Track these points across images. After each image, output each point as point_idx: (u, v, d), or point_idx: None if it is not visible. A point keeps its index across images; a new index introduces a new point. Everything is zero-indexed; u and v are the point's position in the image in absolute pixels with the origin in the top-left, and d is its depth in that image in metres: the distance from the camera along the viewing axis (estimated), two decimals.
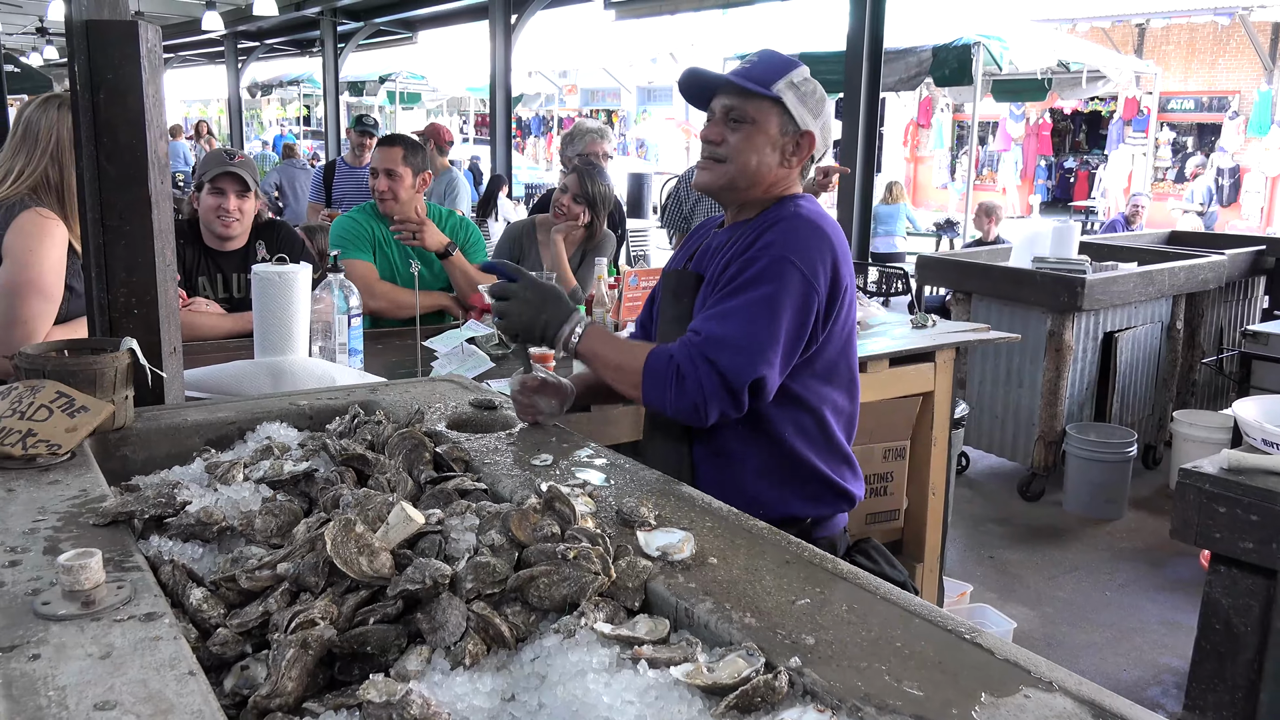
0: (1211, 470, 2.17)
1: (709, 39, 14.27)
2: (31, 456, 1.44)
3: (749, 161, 1.91)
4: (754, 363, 1.76)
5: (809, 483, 1.96)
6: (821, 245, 1.85)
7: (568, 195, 3.66)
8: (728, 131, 1.92)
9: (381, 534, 1.18)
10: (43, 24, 16.54)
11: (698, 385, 1.73)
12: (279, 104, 27.42)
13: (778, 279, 1.79)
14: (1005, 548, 4.58)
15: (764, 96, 1.89)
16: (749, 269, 1.82)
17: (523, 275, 1.84)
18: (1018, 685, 0.97)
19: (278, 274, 2.36)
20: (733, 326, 1.77)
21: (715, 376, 1.73)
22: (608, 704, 0.96)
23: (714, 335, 1.76)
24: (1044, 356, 4.98)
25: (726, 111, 1.92)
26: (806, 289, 1.81)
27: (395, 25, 14.08)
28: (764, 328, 1.77)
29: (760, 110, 1.90)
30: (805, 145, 1.94)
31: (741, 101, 1.91)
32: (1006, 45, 9.35)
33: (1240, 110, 16.60)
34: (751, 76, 1.90)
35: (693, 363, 1.74)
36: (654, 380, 1.77)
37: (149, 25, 1.81)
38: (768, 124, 1.91)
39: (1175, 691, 3.35)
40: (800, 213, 1.89)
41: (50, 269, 2.28)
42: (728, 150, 1.92)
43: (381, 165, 3.47)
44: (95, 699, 0.87)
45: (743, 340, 1.75)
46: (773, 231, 1.85)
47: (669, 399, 1.76)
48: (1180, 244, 6.66)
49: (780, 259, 1.80)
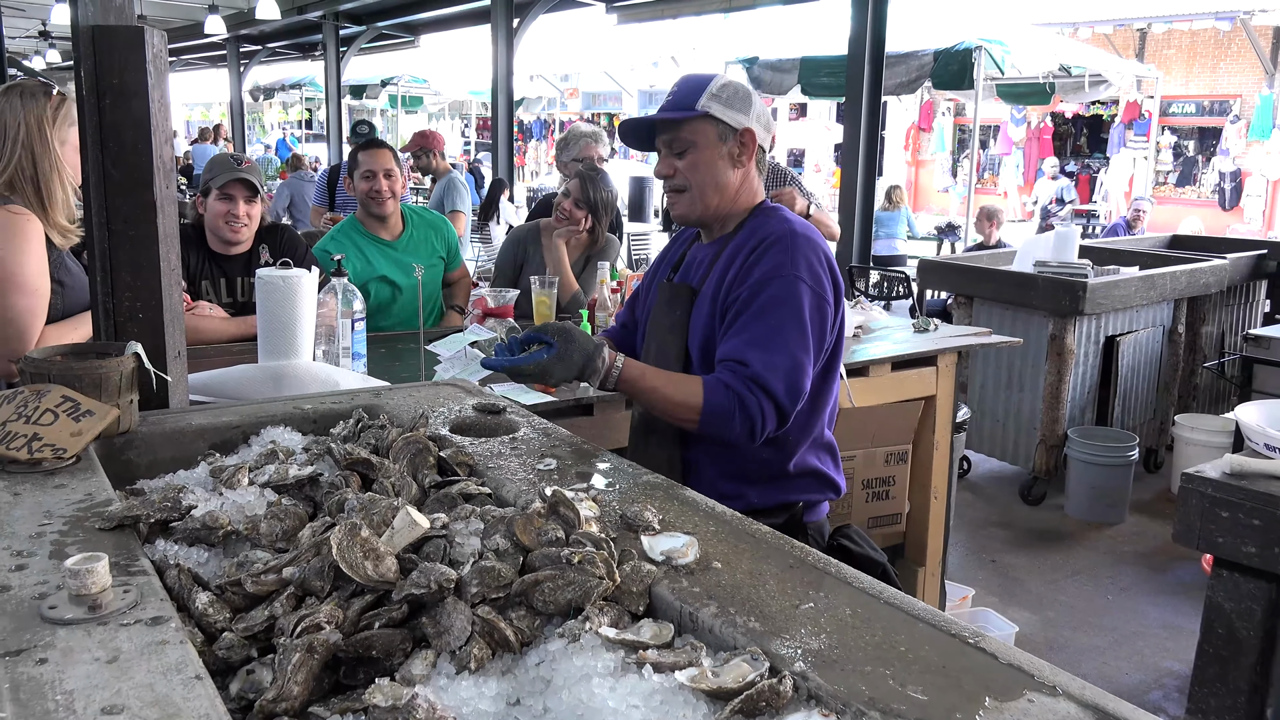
0: (1214, 475, 2.17)
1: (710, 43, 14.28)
2: (37, 460, 1.45)
3: (704, 180, 2.01)
4: (800, 381, 1.90)
5: (800, 474, 2.07)
6: (818, 255, 1.97)
7: (569, 200, 3.68)
8: (676, 161, 2.02)
9: (387, 538, 1.18)
10: (45, 28, 16.58)
11: (759, 411, 1.86)
12: (281, 107, 27.45)
13: (794, 296, 1.91)
14: (1007, 552, 4.58)
15: (692, 117, 1.98)
16: (763, 292, 1.92)
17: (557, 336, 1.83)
18: (1021, 689, 0.97)
19: (281, 278, 2.36)
20: (774, 351, 1.88)
21: (771, 403, 1.86)
22: (612, 708, 0.97)
23: (762, 364, 1.86)
24: (1045, 360, 4.98)
25: (668, 144, 2.03)
26: (818, 300, 1.94)
27: (397, 29, 14.12)
28: (799, 345, 1.90)
29: (694, 130, 1.99)
30: (749, 142, 2.03)
31: (675, 130, 2.01)
32: (1008, 49, 9.36)
33: (1241, 114, 16.61)
34: (676, 105, 2.00)
35: (753, 395, 1.85)
36: (716, 417, 1.87)
37: (154, 30, 1.82)
38: (705, 139, 2.00)
39: (1177, 696, 3.35)
40: (794, 230, 1.98)
41: (30, 265, 2.26)
42: (682, 179, 2.02)
43: (380, 167, 3.57)
44: (102, 703, 0.87)
45: (787, 362, 1.88)
46: (775, 252, 1.94)
47: (729, 428, 1.88)
48: (1182, 248, 6.67)
49: (791, 278, 1.91)
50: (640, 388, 1.89)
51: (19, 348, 2.23)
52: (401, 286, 3.56)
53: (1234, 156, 16.49)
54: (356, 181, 3.62)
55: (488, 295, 3.30)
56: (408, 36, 14.78)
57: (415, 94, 19.85)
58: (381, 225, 3.61)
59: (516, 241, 3.88)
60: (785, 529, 1.95)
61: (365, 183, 3.57)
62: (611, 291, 3.62)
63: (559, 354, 1.79)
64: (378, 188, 3.55)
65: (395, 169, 3.60)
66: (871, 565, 2.03)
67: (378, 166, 3.56)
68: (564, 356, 1.79)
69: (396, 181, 3.60)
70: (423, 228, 3.71)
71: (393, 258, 3.57)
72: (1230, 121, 16.67)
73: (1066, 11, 15.10)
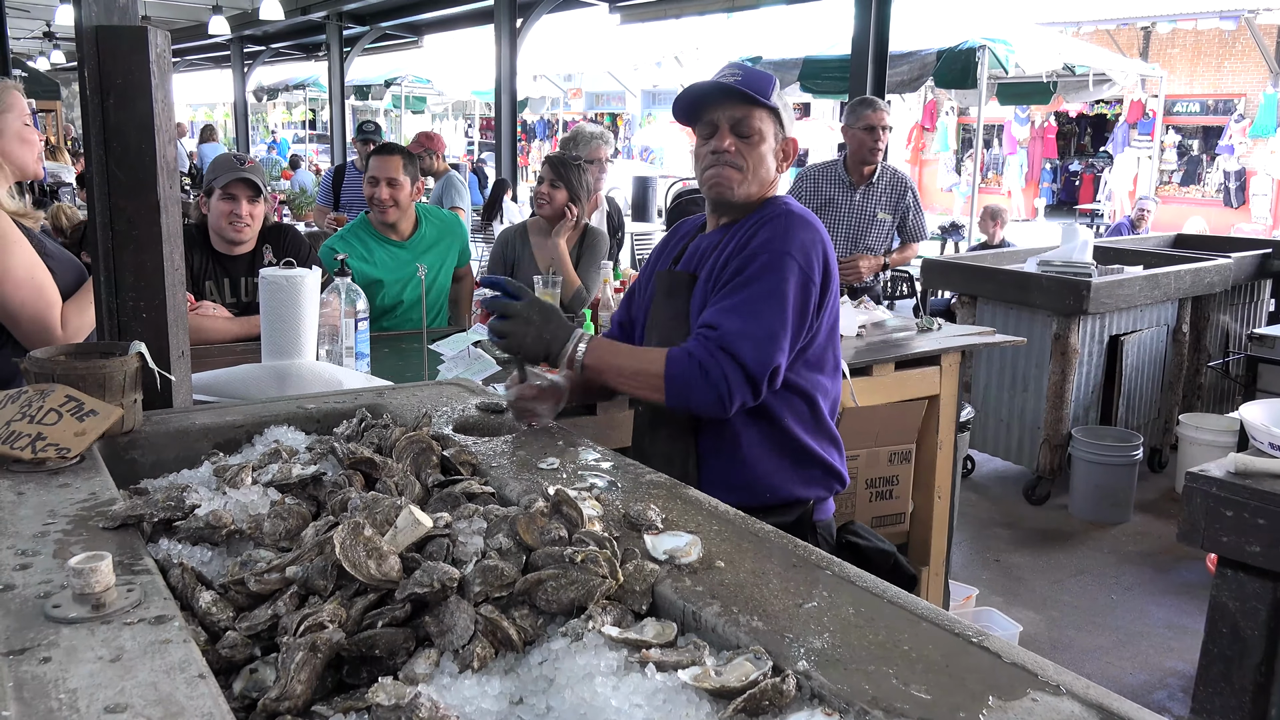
0: (1218, 474, 2.17)
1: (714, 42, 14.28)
2: (41, 460, 1.45)
3: (760, 169, 2.01)
4: (771, 351, 1.86)
5: (807, 465, 2.06)
6: (813, 238, 1.96)
7: (544, 184, 3.70)
8: (739, 142, 1.99)
9: (390, 537, 1.18)
10: (50, 29, 16.61)
11: (722, 378, 1.82)
12: (285, 108, 27.49)
13: (780, 271, 1.89)
14: (1011, 551, 4.57)
15: (766, 106, 1.99)
16: (750, 264, 1.91)
17: (524, 293, 1.88)
18: (1025, 689, 0.97)
19: (285, 278, 2.37)
20: (747, 319, 1.85)
21: (738, 368, 1.82)
22: (615, 707, 0.96)
23: (731, 329, 1.84)
24: (1049, 360, 4.98)
25: (733, 122, 1.99)
26: (805, 279, 1.92)
27: (400, 29, 14.13)
28: (775, 317, 1.87)
29: (763, 121, 2.00)
30: (791, 152, 2.07)
31: (747, 112, 1.98)
32: (1012, 48, 9.35)
33: (1246, 113, 16.58)
34: (752, 88, 1.97)
35: (714, 357, 1.82)
36: (677, 380, 1.84)
37: (158, 30, 1.82)
38: (768, 134, 2.01)
39: (1182, 696, 3.34)
40: (791, 209, 1.99)
41: (16, 258, 2.25)
42: (741, 160, 1.99)
43: (383, 174, 3.53)
44: (106, 702, 0.87)
45: (759, 331, 1.85)
46: (767, 228, 1.95)
47: (694, 396, 1.84)
48: (1186, 247, 6.65)
49: (780, 253, 1.91)
50: (606, 361, 1.88)
51: (48, 337, 2.23)
52: (406, 287, 3.56)
53: (1238, 155, 16.46)
54: (365, 184, 3.63)
55: (484, 305, 3.31)
56: (411, 37, 14.79)
57: (419, 94, 19.88)
58: (390, 228, 3.61)
59: (505, 243, 3.90)
60: (795, 527, 1.96)
61: (369, 188, 3.57)
62: (615, 291, 3.63)
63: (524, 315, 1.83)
64: (379, 195, 3.53)
65: (401, 177, 3.55)
66: (883, 556, 2.03)
67: (381, 173, 3.53)
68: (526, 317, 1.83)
69: (402, 189, 3.55)
70: (436, 226, 3.71)
71: (401, 259, 3.56)
72: (1235, 120, 16.64)
73: (1070, 10, 15.08)
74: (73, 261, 2.44)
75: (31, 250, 2.29)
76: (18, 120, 2.38)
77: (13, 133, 2.36)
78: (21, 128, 2.39)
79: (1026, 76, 11.06)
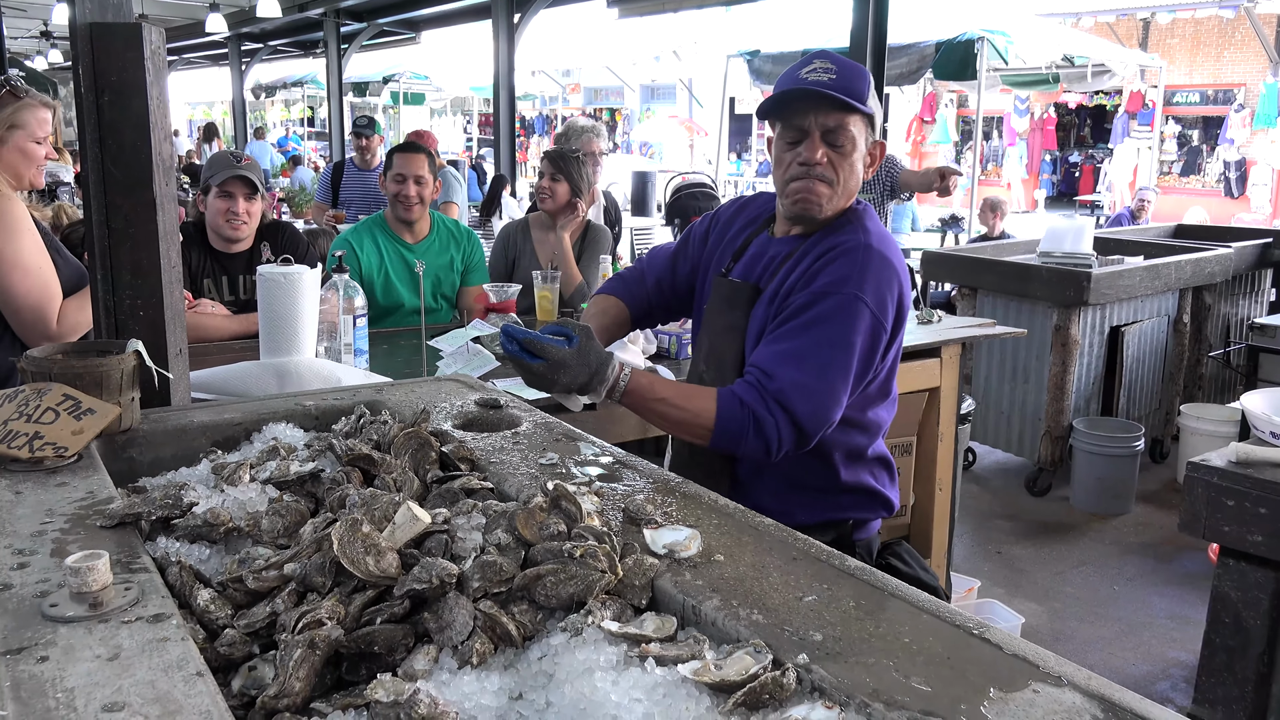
0: (1219, 464, 2.17)
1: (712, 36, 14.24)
2: (38, 459, 1.45)
3: (850, 182, 1.85)
4: (830, 409, 1.75)
5: (852, 492, 1.96)
6: (890, 278, 1.81)
7: (545, 178, 3.69)
8: (829, 150, 1.82)
9: (388, 534, 1.18)
10: (47, 28, 16.59)
11: (775, 432, 1.71)
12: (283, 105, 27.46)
13: (850, 318, 1.75)
14: (1012, 543, 4.57)
15: (861, 112, 1.81)
16: (819, 303, 1.76)
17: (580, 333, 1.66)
18: (1026, 680, 0.97)
19: (282, 275, 2.36)
20: (808, 371, 1.73)
21: (792, 426, 1.71)
22: (615, 702, 0.96)
23: (790, 381, 1.71)
24: (1050, 351, 4.97)
25: (826, 129, 1.81)
26: (876, 326, 1.78)
27: (398, 25, 14.09)
28: (838, 371, 1.74)
29: (857, 128, 1.83)
30: (879, 155, 1.91)
31: (842, 119, 1.81)
32: (1011, 40, 9.32)
33: (1246, 103, 16.54)
34: (848, 91, 1.79)
35: (769, 412, 1.71)
36: (729, 433, 1.72)
37: (153, 27, 1.81)
38: (861, 139, 1.84)
39: (1184, 686, 3.34)
40: (870, 244, 1.82)
41: (25, 246, 2.26)
42: (831, 172, 1.83)
43: (411, 171, 3.55)
44: (103, 700, 0.87)
45: (820, 386, 1.73)
46: (843, 263, 1.79)
47: (741, 446, 1.73)
48: (1186, 237, 6.64)
49: (852, 298, 1.76)
50: (648, 399, 1.73)
51: (44, 329, 2.24)
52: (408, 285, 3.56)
53: (1238, 145, 16.44)
54: (388, 182, 3.60)
55: (490, 290, 3.30)
56: (409, 33, 14.75)
57: (417, 90, 19.83)
58: (407, 229, 3.61)
59: (506, 238, 3.89)
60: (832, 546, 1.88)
61: (396, 185, 3.56)
62: None
63: (578, 348, 1.63)
64: (406, 192, 3.54)
65: (428, 175, 3.59)
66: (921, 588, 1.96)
67: (409, 171, 3.55)
68: (581, 354, 1.63)
69: (426, 187, 3.59)
70: (445, 237, 3.68)
71: (409, 260, 3.55)
72: (1235, 110, 16.61)
73: (1069, 1, 15.04)
74: (75, 262, 2.45)
75: (41, 241, 2.32)
76: (26, 139, 2.42)
77: (15, 146, 2.39)
78: (28, 145, 2.42)
79: (1026, 68, 11.03)
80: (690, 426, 1.75)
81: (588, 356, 1.64)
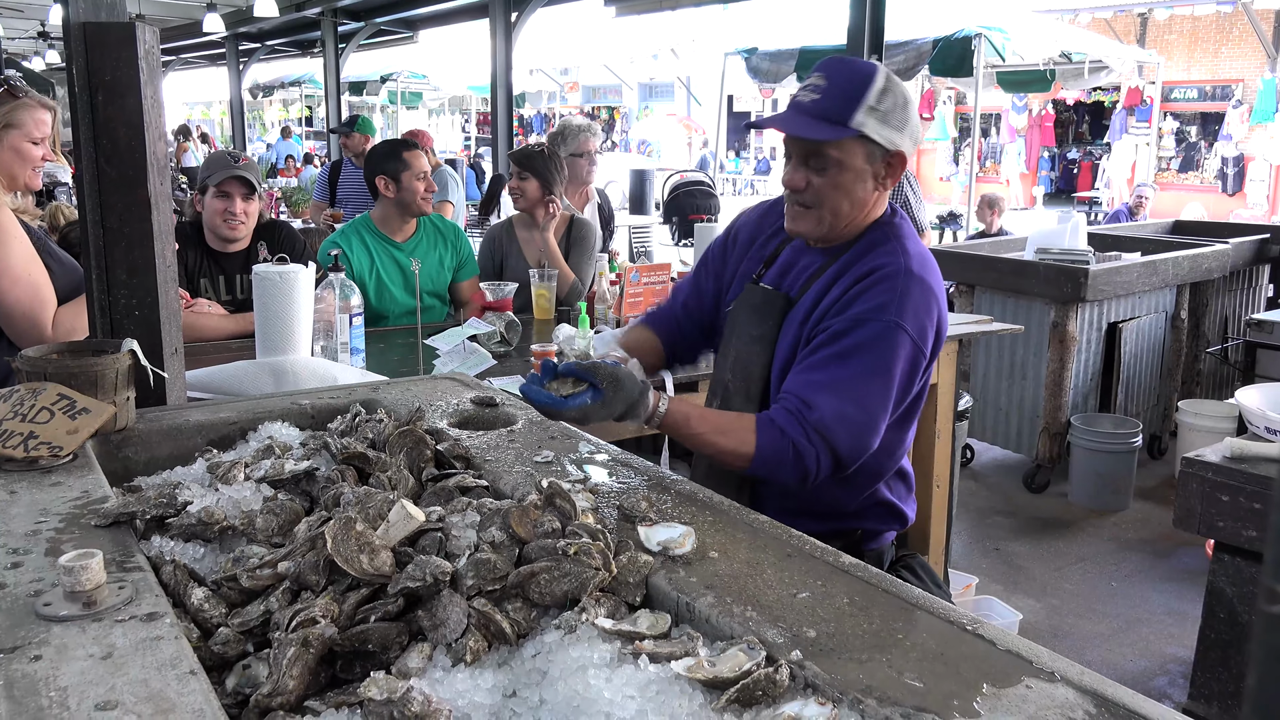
0: (1214, 459, 2.17)
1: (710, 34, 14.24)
2: (33, 459, 1.45)
3: (840, 206, 1.77)
4: (869, 439, 1.72)
5: (871, 506, 1.93)
6: (930, 305, 1.75)
7: (513, 179, 3.69)
8: (811, 175, 1.76)
9: (382, 532, 1.18)
10: (44, 28, 16.58)
11: (815, 462, 1.68)
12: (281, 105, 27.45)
13: (890, 347, 1.70)
14: (1010, 540, 4.57)
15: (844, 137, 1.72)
16: (858, 330, 1.71)
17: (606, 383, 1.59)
18: (1020, 676, 0.97)
19: (279, 274, 2.36)
20: (848, 401, 1.69)
21: (831, 456, 1.69)
22: (609, 699, 0.96)
23: (830, 412, 1.68)
24: (1048, 348, 4.97)
25: (804, 155, 1.76)
26: (916, 354, 1.74)
27: (396, 25, 14.07)
28: (878, 401, 1.71)
29: (843, 150, 1.73)
30: (897, 164, 1.79)
31: (818, 145, 1.73)
32: (1008, 36, 9.32)
33: (1244, 99, 16.54)
34: (825, 114, 1.71)
35: (810, 442, 1.67)
36: (768, 462, 1.69)
37: (146, 27, 1.81)
38: (853, 161, 1.74)
39: (1182, 681, 3.35)
40: (911, 268, 1.75)
41: (14, 253, 2.24)
42: (813, 196, 1.77)
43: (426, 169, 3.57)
44: (97, 699, 0.87)
45: (860, 417, 1.69)
46: (883, 289, 1.72)
47: (779, 474, 1.71)
48: (1184, 233, 6.64)
49: (892, 326, 1.70)
50: (685, 433, 1.70)
51: (38, 336, 2.23)
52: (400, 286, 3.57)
53: (1236, 141, 16.44)
54: (407, 182, 3.51)
55: (486, 289, 3.30)
56: (406, 32, 14.73)
57: (415, 90, 19.83)
58: (400, 228, 3.60)
59: (492, 239, 3.89)
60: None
61: (420, 183, 3.52)
62: (611, 284, 3.61)
63: (604, 400, 1.58)
64: (430, 187, 3.56)
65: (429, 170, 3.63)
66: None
67: (426, 168, 3.58)
68: (608, 403, 1.58)
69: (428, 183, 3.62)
70: (433, 235, 3.68)
71: (398, 259, 3.55)
72: (1233, 106, 16.61)
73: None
74: (74, 266, 2.44)
75: (30, 247, 2.29)
76: (22, 138, 2.39)
77: (10, 146, 2.37)
78: (23, 145, 2.39)
79: (1023, 64, 11.03)
80: (730, 456, 1.71)
81: (613, 404, 1.59)
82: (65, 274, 2.39)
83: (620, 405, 1.59)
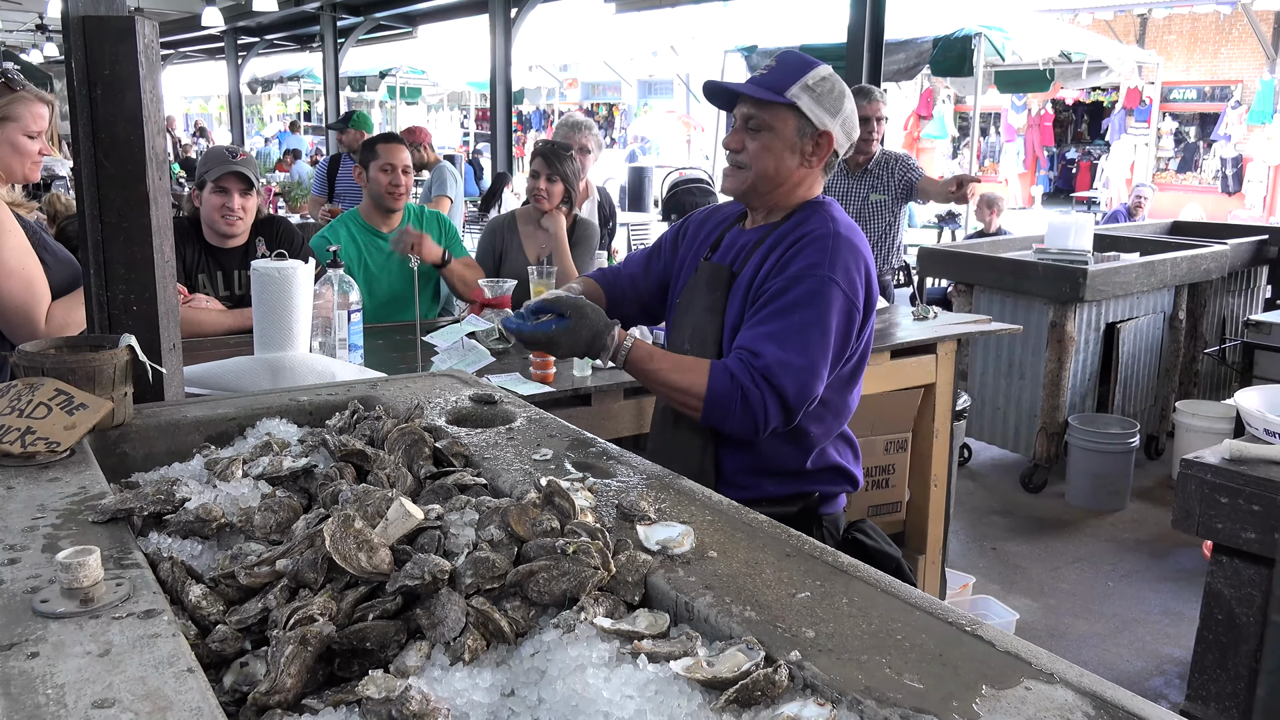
0: (1213, 460, 2.17)
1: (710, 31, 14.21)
2: (30, 454, 1.44)
3: (767, 166, 1.98)
4: (812, 384, 1.88)
5: (821, 470, 2.08)
6: (858, 261, 1.94)
7: (541, 179, 3.64)
8: (747, 138, 1.99)
9: (380, 530, 1.18)
10: (42, 21, 16.53)
11: (762, 408, 1.84)
12: (280, 100, 27.40)
13: (825, 300, 1.88)
14: (1008, 539, 4.58)
15: (777, 103, 1.94)
16: (794, 288, 1.89)
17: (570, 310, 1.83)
18: (1019, 677, 0.97)
19: (277, 270, 2.36)
20: (790, 349, 1.85)
21: (778, 400, 1.84)
22: (607, 698, 0.96)
23: (775, 359, 1.84)
24: (1046, 348, 4.97)
25: (746, 119, 1.99)
26: (850, 307, 1.92)
27: (395, 20, 14.06)
28: (818, 348, 1.87)
29: (776, 116, 1.96)
30: (824, 145, 1.99)
31: (758, 109, 1.97)
32: (1008, 36, 9.32)
33: (1243, 100, 16.55)
34: (767, 84, 1.96)
35: (758, 388, 1.83)
36: (718, 404, 1.85)
37: (145, 20, 1.80)
38: (784, 129, 1.96)
39: (1178, 682, 3.35)
40: (839, 231, 1.95)
41: (7, 247, 2.23)
42: (747, 157, 1.99)
43: (400, 162, 3.62)
44: (94, 697, 0.86)
45: (802, 362, 1.85)
46: (813, 250, 1.92)
47: (730, 421, 1.86)
48: (1183, 234, 6.64)
49: (825, 280, 1.89)
50: (646, 368, 1.88)
51: (32, 331, 2.22)
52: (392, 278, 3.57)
53: (1235, 142, 16.44)
54: (373, 173, 3.61)
55: (485, 286, 3.30)
56: (406, 27, 14.71)
57: (414, 85, 19.80)
58: (384, 219, 3.62)
59: (493, 232, 3.88)
60: (799, 519, 1.96)
61: (385, 175, 3.60)
62: None
63: (569, 326, 1.80)
64: (396, 181, 3.60)
65: (409, 164, 3.66)
66: (886, 560, 2.02)
67: (398, 161, 3.61)
68: (574, 330, 1.80)
69: (410, 177, 3.67)
70: (416, 224, 3.71)
71: (385, 248, 3.56)
72: (1231, 107, 16.61)
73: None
74: (70, 260, 2.43)
75: (25, 240, 2.28)
76: (18, 132, 2.38)
77: (6, 139, 2.36)
78: (20, 139, 2.38)
79: (1023, 64, 11.03)
80: (685, 395, 1.88)
81: (578, 331, 1.81)
82: (60, 268, 2.38)
83: (585, 331, 1.81)
